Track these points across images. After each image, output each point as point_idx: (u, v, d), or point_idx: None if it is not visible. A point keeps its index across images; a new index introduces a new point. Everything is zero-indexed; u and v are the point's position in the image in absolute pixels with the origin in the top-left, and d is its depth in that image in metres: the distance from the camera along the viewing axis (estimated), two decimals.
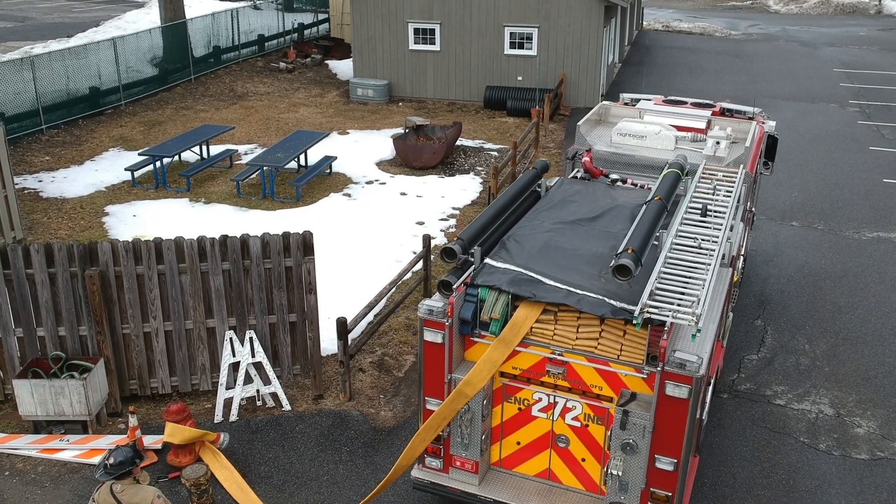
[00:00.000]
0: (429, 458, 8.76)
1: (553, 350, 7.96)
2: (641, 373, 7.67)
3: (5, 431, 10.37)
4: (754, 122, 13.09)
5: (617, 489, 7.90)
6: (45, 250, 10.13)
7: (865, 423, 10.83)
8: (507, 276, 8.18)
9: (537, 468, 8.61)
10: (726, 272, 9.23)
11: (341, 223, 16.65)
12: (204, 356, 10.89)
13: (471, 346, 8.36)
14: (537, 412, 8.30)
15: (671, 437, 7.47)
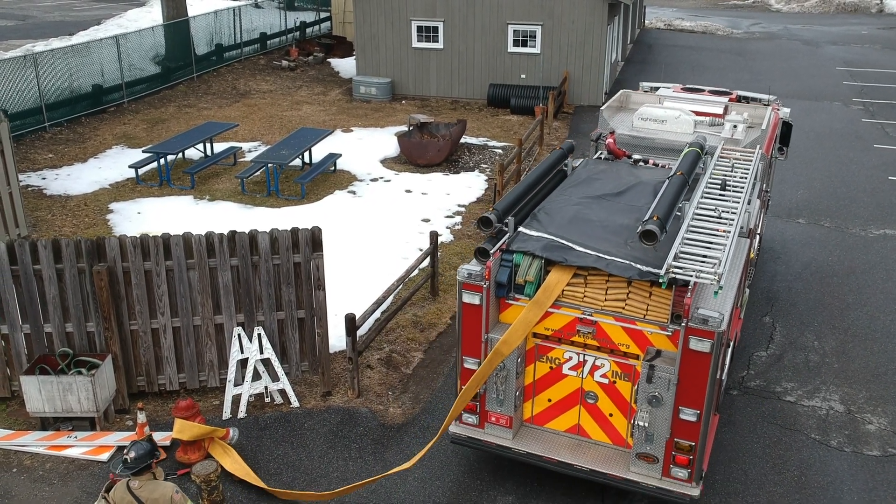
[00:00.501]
0: (465, 415, 9.26)
1: (583, 311, 8.53)
2: (666, 330, 8.21)
3: (13, 428, 10.32)
4: (769, 108, 13.50)
5: (643, 440, 8.43)
6: (52, 246, 10.08)
7: (876, 420, 10.79)
8: (539, 242, 8.78)
9: (567, 424, 9.13)
10: (744, 242, 9.78)
11: (347, 220, 16.60)
12: (212, 352, 10.84)
13: (505, 308, 8.89)
14: (568, 370, 8.84)
15: (694, 389, 8.03)
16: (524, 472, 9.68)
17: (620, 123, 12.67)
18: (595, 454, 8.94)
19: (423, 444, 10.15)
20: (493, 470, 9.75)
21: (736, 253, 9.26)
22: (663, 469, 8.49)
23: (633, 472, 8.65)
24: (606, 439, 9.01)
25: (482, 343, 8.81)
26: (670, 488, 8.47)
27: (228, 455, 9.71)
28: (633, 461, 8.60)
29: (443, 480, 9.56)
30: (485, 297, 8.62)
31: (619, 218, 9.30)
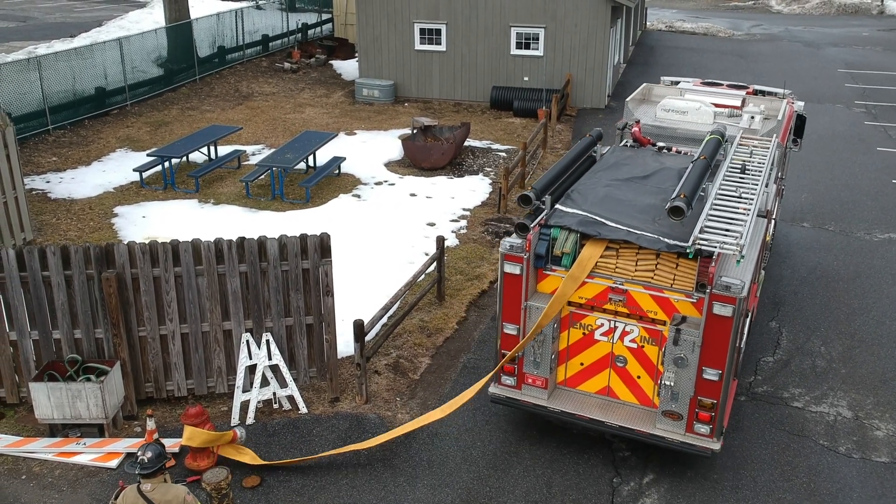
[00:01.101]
0: (504, 377, 10.16)
1: (615, 281, 9.37)
2: (691, 298, 9.04)
3: (21, 435, 10.31)
4: (785, 101, 14.29)
5: (669, 398, 9.28)
6: (61, 252, 10.07)
7: (884, 426, 10.79)
8: (575, 218, 9.65)
9: (598, 386, 9.98)
10: (762, 222, 10.83)
11: (352, 224, 16.59)
12: (220, 359, 10.84)
13: (543, 278, 9.78)
14: (599, 336, 9.71)
15: (717, 350, 8.85)
16: (533, 479, 9.69)
17: (644, 114, 13.39)
18: (624, 413, 9.74)
19: (432, 451, 10.17)
20: (502, 476, 9.75)
21: (755, 230, 10.20)
22: (687, 425, 9.33)
23: (659, 428, 9.49)
24: (634, 400, 9.83)
25: (521, 310, 9.65)
26: (693, 443, 9.30)
27: (243, 453, 9.70)
28: (659, 418, 9.46)
29: (452, 487, 9.56)
30: (525, 267, 9.46)
31: (646, 198, 10.09)
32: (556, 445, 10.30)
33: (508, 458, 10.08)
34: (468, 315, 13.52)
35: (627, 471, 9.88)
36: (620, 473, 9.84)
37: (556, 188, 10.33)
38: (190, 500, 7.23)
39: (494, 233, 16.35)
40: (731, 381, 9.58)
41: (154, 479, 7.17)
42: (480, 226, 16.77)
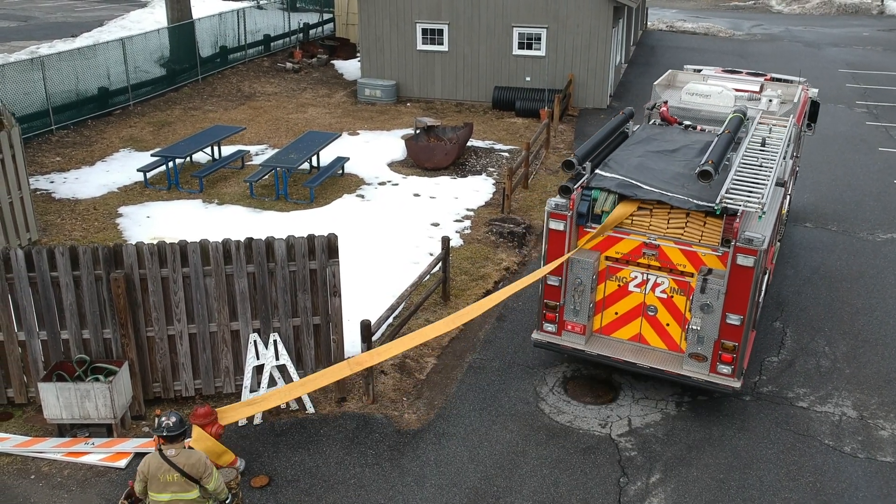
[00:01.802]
0: (546, 324, 11.30)
1: (648, 237, 10.55)
2: (717, 252, 10.18)
3: (30, 434, 10.35)
4: (800, 87, 15.42)
5: (695, 342, 10.42)
6: (70, 253, 10.11)
7: (889, 426, 10.84)
8: (613, 181, 10.83)
9: (630, 333, 11.17)
10: (780, 191, 11.88)
11: (356, 224, 16.63)
12: (228, 359, 10.87)
13: (583, 235, 10.92)
14: (633, 287, 10.88)
15: (739, 298, 9.96)
16: (540, 479, 9.74)
17: (670, 97, 14.39)
18: (654, 356, 10.92)
19: (439, 450, 10.21)
20: (509, 476, 9.80)
21: (773, 196, 11.32)
22: (711, 366, 10.46)
23: (686, 369, 10.64)
24: (663, 345, 11.00)
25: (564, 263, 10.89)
26: (717, 381, 10.44)
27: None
28: (686, 360, 10.60)
29: (459, 487, 9.61)
30: (568, 223, 10.70)
31: (675, 167, 11.18)
32: (563, 445, 10.35)
33: (515, 457, 10.13)
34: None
35: (634, 471, 9.93)
36: (627, 473, 9.88)
37: (594, 157, 11.50)
38: (209, 465, 7.71)
39: (499, 233, 16.39)
40: (751, 332, 10.87)
41: (176, 445, 7.62)
42: (484, 226, 16.81)
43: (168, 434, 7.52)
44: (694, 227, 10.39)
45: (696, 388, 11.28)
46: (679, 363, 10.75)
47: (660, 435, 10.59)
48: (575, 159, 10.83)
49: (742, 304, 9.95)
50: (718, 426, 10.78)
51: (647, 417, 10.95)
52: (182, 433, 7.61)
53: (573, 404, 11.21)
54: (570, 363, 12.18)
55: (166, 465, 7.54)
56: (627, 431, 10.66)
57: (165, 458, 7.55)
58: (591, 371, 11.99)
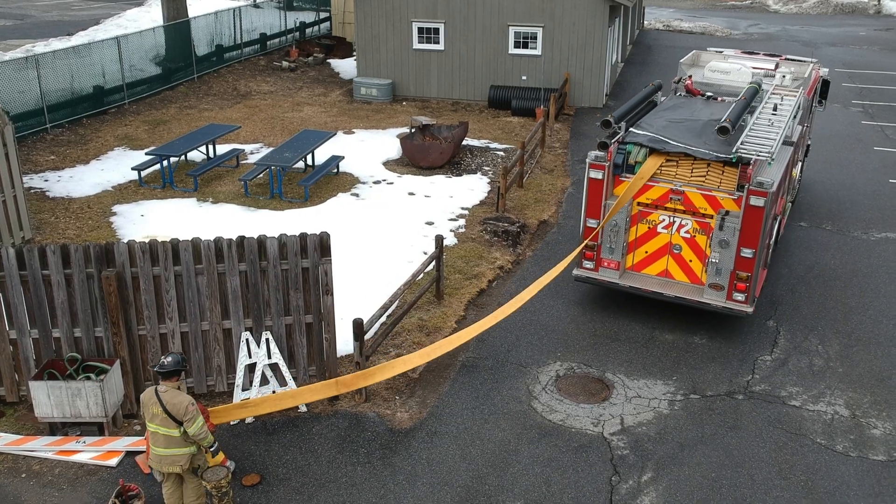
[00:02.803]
0: (585, 262, 13.24)
1: (674, 185, 12.34)
2: (733, 195, 11.92)
3: (21, 433, 10.33)
4: (811, 66, 17.05)
5: (714, 273, 12.28)
6: (61, 251, 10.09)
7: (881, 425, 10.85)
8: (645, 137, 12.70)
9: (658, 269, 13.01)
10: (788, 149, 13.66)
11: (351, 223, 16.61)
12: (220, 357, 10.86)
13: (619, 183, 12.80)
14: (661, 229, 12.73)
15: (752, 234, 11.81)
16: (532, 477, 9.73)
17: (693, 74, 16.04)
18: (678, 288, 12.79)
19: (431, 449, 10.20)
20: (501, 475, 9.79)
21: (782, 152, 13.08)
22: (727, 294, 12.28)
23: (706, 297, 12.48)
24: (686, 279, 12.82)
25: (601, 207, 12.68)
26: (732, 307, 12.31)
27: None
28: (706, 290, 12.45)
29: (451, 486, 9.60)
30: (606, 173, 12.52)
31: (698, 128, 12.89)
32: (555, 444, 10.35)
33: (507, 456, 10.12)
34: (467, 314, 13.55)
35: (626, 469, 9.93)
36: (619, 472, 9.88)
37: (628, 118, 13.35)
38: (191, 410, 8.38)
39: (493, 232, 16.38)
40: (762, 269, 12.86)
41: (169, 382, 8.48)
42: (479, 225, 16.80)
43: (160, 370, 8.43)
44: (714, 175, 12.20)
45: (693, 387, 11.32)
46: (700, 293, 12.58)
47: (652, 434, 10.59)
48: (612, 118, 12.79)
49: (754, 239, 11.81)
50: (711, 425, 10.78)
51: (640, 416, 10.95)
52: (175, 372, 8.48)
53: (566, 403, 11.20)
54: (562, 362, 12.18)
55: (155, 398, 8.42)
56: (620, 430, 10.66)
57: (156, 392, 8.44)
58: (583, 370, 12.00)
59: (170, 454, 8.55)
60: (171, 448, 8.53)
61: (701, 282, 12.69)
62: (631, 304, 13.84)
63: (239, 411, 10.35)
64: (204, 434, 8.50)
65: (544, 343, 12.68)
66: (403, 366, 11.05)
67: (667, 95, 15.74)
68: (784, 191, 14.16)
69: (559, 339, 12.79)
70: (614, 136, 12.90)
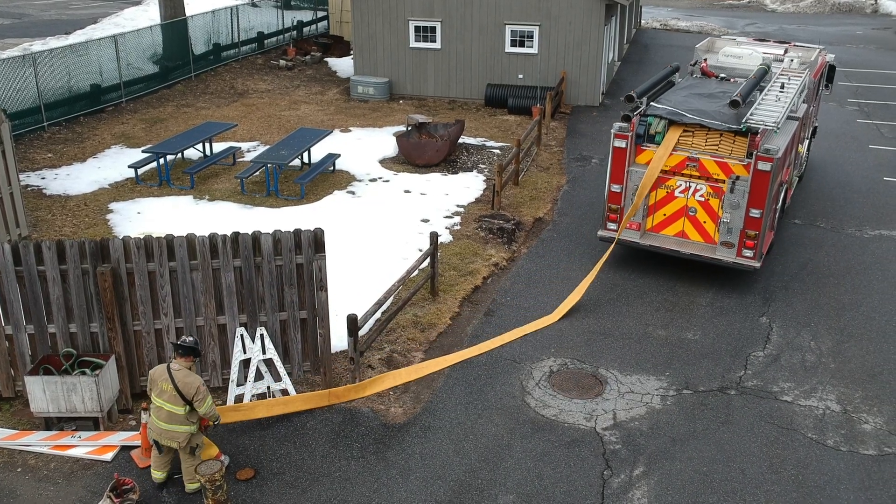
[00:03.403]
0: (609, 224, 14.59)
1: (690, 153, 13.73)
2: (743, 162, 13.36)
3: (17, 428, 10.38)
4: (817, 52, 18.20)
5: (726, 232, 13.73)
6: (56, 247, 10.14)
7: (872, 420, 10.91)
8: (665, 110, 14.10)
9: (675, 230, 14.34)
10: (794, 123, 14.86)
11: (346, 220, 16.67)
12: (215, 353, 10.92)
13: (640, 152, 14.21)
14: (678, 193, 14.01)
15: (759, 196, 13.23)
16: (524, 472, 9.80)
17: (708, 59, 17.36)
18: (693, 247, 14.14)
19: (424, 443, 10.26)
20: (494, 469, 9.85)
21: (788, 125, 14.49)
22: (737, 251, 13.71)
23: (718, 254, 13.88)
24: (700, 239, 14.16)
25: (624, 173, 14.13)
26: (742, 262, 13.75)
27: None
28: (718, 248, 13.88)
29: (444, 480, 9.66)
30: (629, 142, 13.90)
31: (712, 104, 14.21)
32: (548, 439, 10.41)
33: (500, 451, 10.18)
34: (461, 310, 13.61)
35: (618, 464, 9.99)
36: (611, 466, 9.95)
37: (649, 95, 14.76)
38: (202, 391, 8.88)
39: (488, 229, 16.44)
40: (769, 231, 14.25)
41: (184, 361, 8.99)
42: (474, 222, 16.86)
43: (181, 346, 8.97)
44: (726, 144, 13.59)
45: (691, 381, 11.35)
46: (713, 251, 13.94)
47: (644, 428, 10.66)
48: (634, 94, 14.27)
49: (762, 200, 13.20)
50: (702, 420, 10.85)
51: (632, 411, 11.01)
52: (193, 351, 9.01)
53: (559, 398, 11.27)
54: (556, 357, 12.25)
55: (167, 374, 8.90)
56: (612, 425, 10.72)
57: (168, 369, 8.92)
58: (577, 365, 12.06)
59: (170, 429, 8.99)
60: (172, 424, 8.98)
61: (714, 241, 13.97)
62: (625, 298, 13.92)
63: (232, 414, 10.40)
64: (213, 412, 9.18)
65: (538, 339, 12.75)
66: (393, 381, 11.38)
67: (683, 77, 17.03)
68: (790, 162, 15.44)
69: (553, 336, 12.85)
70: (636, 110, 14.24)
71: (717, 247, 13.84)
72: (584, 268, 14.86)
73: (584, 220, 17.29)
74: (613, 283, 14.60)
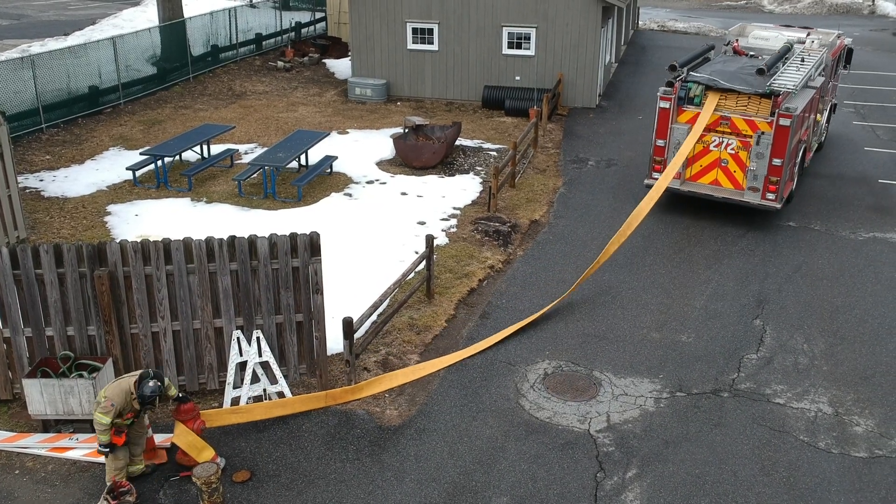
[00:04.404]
0: (654, 173, 17.49)
1: (724, 113, 16.61)
2: (767, 119, 16.23)
3: (14, 430, 10.46)
4: (836, 35, 21.52)
5: (752, 179, 16.64)
6: (54, 251, 10.22)
7: (864, 422, 11.00)
8: (702, 77, 16.93)
9: (710, 179, 17.31)
10: (811, 91, 17.90)
11: (343, 223, 16.75)
12: (211, 355, 11.00)
13: (680, 112, 17.07)
14: (712, 147, 16.95)
15: (780, 147, 16.17)
16: (518, 474, 9.88)
17: (739, 40, 20.84)
18: (725, 192, 17.13)
19: (419, 446, 10.34)
20: (488, 471, 9.94)
21: (805, 92, 17.69)
22: (762, 195, 16.66)
23: (746, 197, 16.81)
24: (731, 186, 17.09)
25: (668, 129, 17.10)
26: (766, 204, 16.71)
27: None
28: (746, 192, 16.80)
29: (439, 482, 9.74)
30: (672, 103, 16.95)
31: (741, 74, 16.96)
32: (542, 441, 10.50)
33: (494, 453, 10.27)
34: (457, 313, 13.69)
35: (611, 466, 10.08)
36: (604, 468, 10.03)
37: (687, 67, 17.75)
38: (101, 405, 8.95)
39: (484, 231, 16.52)
40: (788, 180, 17.19)
41: None
42: (470, 224, 16.94)
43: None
44: (753, 105, 16.43)
45: (688, 380, 11.44)
46: (741, 195, 16.85)
47: (638, 431, 10.74)
48: (677, 64, 17.29)
49: (782, 151, 16.11)
50: (695, 422, 10.94)
51: (626, 414, 11.10)
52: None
53: (553, 400, 11.35)
54: (550, 360, 12.33)
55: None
56: (606, 427, 10.81)
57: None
58: (571, 368, 12.15)
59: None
60: None
61: (742, 187, 16.83)
62: (620, 301, 14.01)
63: (230, 416, 10.44)
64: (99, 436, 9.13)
65: (533, 341, 12.83)
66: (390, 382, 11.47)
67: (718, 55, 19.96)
68: (808, 125, 18.28)
69: (548, 338, 12.94)
70: (677, 78, 17.07)
71: (745, 191, 16.72)
72: (580, 270, 14.95)
73: (580, 223, 17.38)
74: (608, 284, 14.69)
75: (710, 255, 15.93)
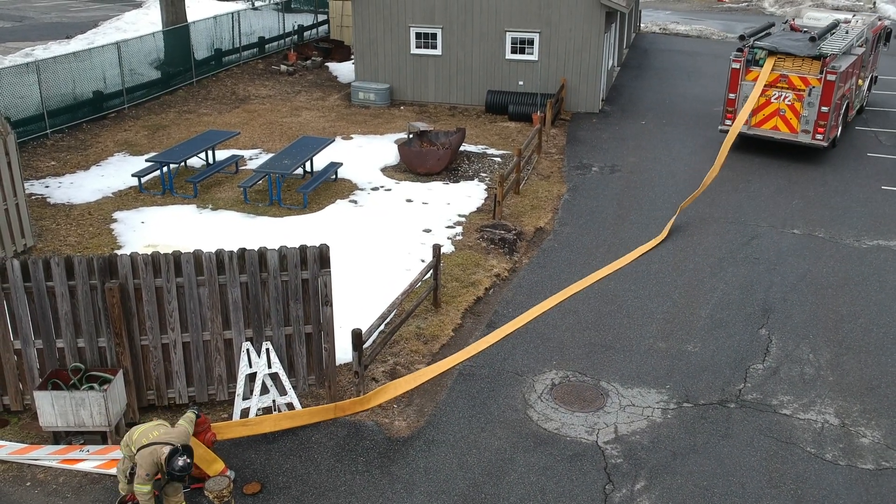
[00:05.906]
0: (726, 121, 22.05)
1: (782, 71, 21.03)
2: (817, 76, 20.69)
3: (25, 442, 10.51)
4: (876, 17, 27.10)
5: (805, 123, 21.12)
6: (65, 263, 10.27)
7: (870, 433, 11.06)
8: (766, 45, 21.45)
9: (770, 125, 21.72)
10: (853, 57, 22.29)
11: (349, 230, 16.79)
12: (221, 367, 11.05)
13: (748, 73, 21.58)
14: (773, 100, 21.34)
15: (827, 97, 20.71)
16: (528, 486, 9.93)
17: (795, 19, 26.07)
18: (783, 135, 21.62)
19: (428, 457, 10.39)
20: (497, 483, 9.99)
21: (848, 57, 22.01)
22: (812, 136, 21.14)
23: (800, 138, 21.33)
24: (788, 130, 21.54)
25: (738, 85, 21.61)
26: (815, 143, 21.24)
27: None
28: (800, 134, 21.32)
29: (448, 494, 9.79)
30: (742, 64, 21.50)
31: (797, 42, 21.63)
32: (550, 453, 10.55)
33: (503, 465, 10.32)
34: (464, 322, 13.75)
35: (620, 478, 10.13)
36: (613, 480, 10.08)
37: (753, 37, 22.14)
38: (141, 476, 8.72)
39: (490, 239, 16.57)
40: (833, 126, 21.46)
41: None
42: (476, 232, 17.00)
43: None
44: (806, 66, 20.89)
45: (697, 368, 11.49)
46: (795, 136, 21.39)
47: (645, 442, 10.80)
48: (745, 34, 22.13)
49: (829, 100, 20.61)
50: (703, 433, 10.99)
51: (633, 425, 11.15)
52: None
53: (561, 411, 11.41)
54: (557, 370, 12.38)
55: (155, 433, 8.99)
56: (614, 438, 10.86)
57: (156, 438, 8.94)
58: (578, 378, 12.20)
59: None
60: None
61: (796, 131, 21.29)
62: (626, 311, 14.07)
63: (240, 429, 10.46)
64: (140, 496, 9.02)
65: (540, 352, 12.89)
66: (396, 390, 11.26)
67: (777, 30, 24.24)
68: (851, 84, 22.74)
69: (555, 348, 12.99)
70: (745, 45, 21.59)
71: (799, 134, 21.21)
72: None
73: (584, 230, 17.43)
74: (614, 293, 14.74)
75: (715, 263, 15.98)
